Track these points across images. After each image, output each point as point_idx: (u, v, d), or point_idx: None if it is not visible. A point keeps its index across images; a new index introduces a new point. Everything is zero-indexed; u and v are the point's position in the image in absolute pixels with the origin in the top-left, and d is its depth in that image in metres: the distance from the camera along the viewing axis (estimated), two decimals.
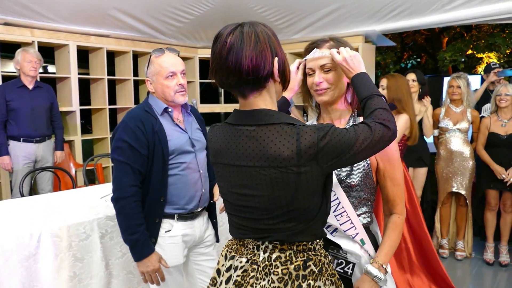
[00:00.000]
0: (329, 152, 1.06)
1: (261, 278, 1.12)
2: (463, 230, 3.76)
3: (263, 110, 1.11)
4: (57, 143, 3.94)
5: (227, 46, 1.07)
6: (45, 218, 2.07)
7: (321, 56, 1.37)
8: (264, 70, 1.07)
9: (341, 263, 1.40)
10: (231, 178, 1.16)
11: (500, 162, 3.50)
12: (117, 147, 1.75)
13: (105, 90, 4.92)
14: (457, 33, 7.66)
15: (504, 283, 3.33)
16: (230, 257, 1.20)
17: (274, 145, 1.06)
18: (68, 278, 1.96)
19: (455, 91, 3.64)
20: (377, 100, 1.19)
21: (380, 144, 1.12)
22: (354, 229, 1.38)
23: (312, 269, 1.12)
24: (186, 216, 1.88)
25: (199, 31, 5.37)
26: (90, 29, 4.57)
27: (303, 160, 1.05)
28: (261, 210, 1.12)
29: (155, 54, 1.85)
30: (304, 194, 1.08)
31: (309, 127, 1.06)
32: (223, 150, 1.16)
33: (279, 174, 1.06)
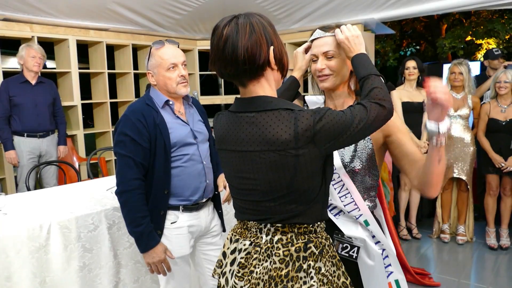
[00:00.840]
0: (326, 134, 1.09)
1: (264, 259, 1.16)
2: (464, 215, 3.80)
3: (262, 97, 1.15)
4: (60, 138, 3.96)
5: (223, 37, 1.11)
6: (53, 211, 2.11)
7: (324, 36, 1.41)
8: (260, 59, 1.11)
9: (346, 247, 1.43)
10: (234, 163, 1.20)
11: (500, 148, 3.54)
12: (119, 141, 1.77)
13: (106, 84, 4.93)
14: (456, 19, 7.65)
15: (505, 265, 3.38)
16: (234, 240, 1.25)
17: (272, 130, 1.10)
18: (78, 268, 2.00)
19: (457, 78, 3.66)
20: (374, 80, 1.22)
21: (376, 123, 1.15)
22: (358, 210, 1.41)
23: (312, 251, 1.16)
24: (191, 207, 1.90)
25: (197, 23, 5.37)
26: (89, 23, 4.58)
27: (300, 143, 1.08)
28: (262, 192, 1.16)
29: (155, 47, 1.86)
30: (303, 176, 1.12)
31: (306, 111, 1.10)
32: (226, 136, 1.20)
33: (278, 157, 1.10)
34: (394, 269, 1.48)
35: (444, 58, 7.38)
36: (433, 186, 1.25)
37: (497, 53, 4.08)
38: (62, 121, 3.97)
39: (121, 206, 1.79)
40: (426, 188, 1.27)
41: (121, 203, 1.78)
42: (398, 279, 1.48)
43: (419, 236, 3.92)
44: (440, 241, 3.85)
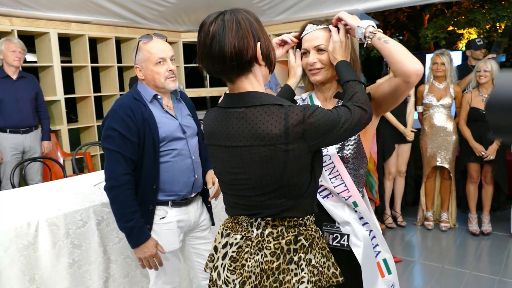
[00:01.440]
0: (315, 130, 1.11)
1: (255, 253, 1.18)
2: (447, 202, 3.90)
3: (251, 93, 1.16)
4: (44, 133, 3.91)
5: (210, 35, 1.11)
6: (41, 208, 2.09)
7: (316, 29, 1.44)
8: (247, 55, 1.12)
9: (336, 237, 1.47)
10: (224, 158, 1.21)
11: (480, 136, 3.62)
12: (107, 135, 1.76)
13: (89, 78, 4.86)
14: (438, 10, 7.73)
15: (486, 251, 3.49)
16: (225, 234, 1.27)
17: (262, 125, 1.11)
18: (67, 265, 2.00)
19: (439, 68, 3.72)
20: (357, 85, 1.26)
21: (358, 126, 1.18)
22: (348, 192, 1.44)
23: (302, 243, 1.18)
24: (180, 202, 1.91)
25: (181, 15, 5.32)
26: (70, 16, 4.49)
27: (290, 138, 1.10)
28: (252, 187, 1.18)
29: (143, 41, 1.84)
30: (292, 171, 1.14)
31: (296, 107, 1.12)
32: (215, 132, 1.21)
33: (268, 152, 1.12)
34: (381, 248, 1.52)
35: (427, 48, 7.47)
36: (402, 62, 1.26)
37: (479, 44, 4.15)
38: (45, 116, 3.91)
39: (110, 202, 1.78)
40: (402, 69, 1.27)
41: (111, 199, 1.77)
42: (386, 258, 1.52)
43: (403, 224, 4.01)
44: (424, 228, 3.94)
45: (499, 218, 4.03)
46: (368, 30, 1.31)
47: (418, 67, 1.25)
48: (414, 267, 3.23)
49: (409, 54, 1.27)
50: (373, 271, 1.48)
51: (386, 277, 1.52)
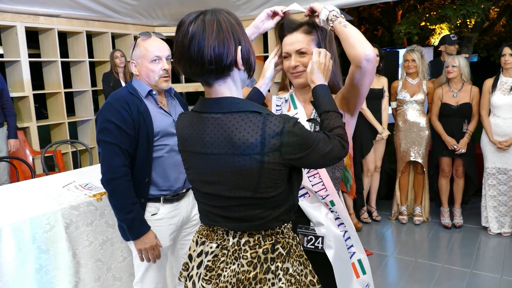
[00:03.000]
0: (292, 145, 1.07)
1: (231, 262, 1.14)
2: (420, 197, 3.97)
3: (229, 98, 1.11)
4: (10, 131, 3.77)
5: (188, 35, 1.05)
6: (5, 211, 2.00)
7: (299, 12, 1.46)
8: (227, 59, 1.07)
9: (311, 239, 1.46)
10: (197, 165, 1.16)
11: (452, 131, 3.69)
12: (104, 128, 1.75)
13: (59, 73, 4.72)
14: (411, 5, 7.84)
15: (458, 243, 3.57)
16: (201, 242, 1.22)
17: (238, 133, 1.06)
18: (34, 270, 1.93)
19: (410, 65, 3.76)
20: (337, 118, 1.23)
21: (331, 156, 1.14)
22: (325, 191, 1.44)
23: (280, 252, 1.15)
24: (172, 198, 1.92)
25: (155, 9, 5.20)
26: (38, 9, 4.33)
27: (266, 149, 1.06)
28: (227, 197, 1.13)
29: (142, 37, 1.87)
30: (267, 183, 1.09)
31: (275, 117, 1.07)
32: (190, 138, 1.15)
33: (243, 162, 1.07)
34: (356, 249, 1.52)
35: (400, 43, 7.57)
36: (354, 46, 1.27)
37: (453, 39, 4.21)
38: (11, 113, 3.77)
39: (108, 194, 1.77)
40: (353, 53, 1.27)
41: (109, 191, 1.76)
42: (360, 258, 1.53)
43: (378, 218, 4.06)
44: (398, 222, 4.00)
45: (470, 211, 4.13)
46: (331, 14, 1.33)
47: (367, 52, 1.25)
48: (388, 261, 3.28)
49: (362, 40, 1.27)
50: (347, 272, 1.48)
51: (361, 277, 1.52)
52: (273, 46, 5.58)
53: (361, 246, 1.55)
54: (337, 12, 1.34)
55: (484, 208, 3.70)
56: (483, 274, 3.01)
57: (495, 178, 3.61)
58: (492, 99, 3.52)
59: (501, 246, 3.43)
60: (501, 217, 3.62)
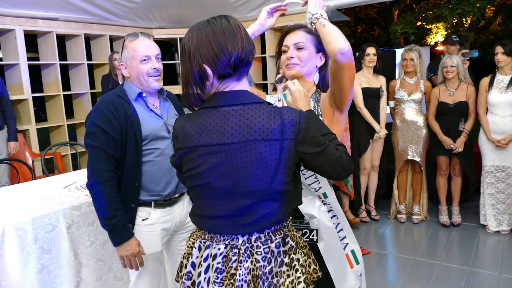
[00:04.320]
0: (306, 138, 1.15)
1: (244, 260, 1.15)
2: (418, 195, 3.99)
3: (245, 92, 1.19)
4: (10, 134, 3.78)
5: (217, 28, 1.14)
6: (7, 212, 2.02)
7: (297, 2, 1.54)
8: (252, 56, 1.19)
9: (306, 232, 1.49)
10: (215, 159, 1.15)
11: (449, 129, 3.72)
12: (90, 132, 1.75)
13: (58, 76, 4.73)
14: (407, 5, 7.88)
15: (456, 241, 3.59)
16: (205, 247, 1.20)
17: (261, 120, 1.13)
18: (36, 270, 1.94)
19: (408, 64, 3.79)
20: (335, 138, 1.27)
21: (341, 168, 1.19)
22: (318, 183, 1.47)
23: (291, 244, 1.20)
24: (164, 203, 1.88)
25: (153, 11, 5.22)
26: (37, 13, 4.34)
27: (286, 135, 1.13)
28: (242, 193, 1.15)
29: (129, 39, 1.84)
30: (283, 173, 1.15)
31: (288, 107, 1.17)
32: (203, 132, 1.15)
33: (263, 147, 1.12)
34: (349, 240, 1.56)
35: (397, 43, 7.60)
36: (330, 42, 1.33)
37: (455, 40, 4.25)
38: (11, 116, 3.78)
39: (92, 199, 1.75)
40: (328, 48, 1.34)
41: (93, 196, 1.74)
42: (354, 249, 1.56)
43: (377, 217, 4.08)
44: (397, 221, 4.02)
45: (468, 209, 4.16)
46: (314, 17, 1.40)
47: (340, 45, 1.30)
48: (387, 260, 3.30)
49: (337, 35, 1.32)
50: (342, 263, 1.51)
51: (355, 267, 1.55)
52: (271, 47, 5.60)
53: (353, 237, 1.58)
54: (320, 15, 1.40)
55: (482, 206, 3.72)
56: (482, 272, 3.03)
57: (493, 176, 3.63)
58: (489, 97, 3.55)
59: (499, 244, 3.46)
60: (499, 215, 3.65)
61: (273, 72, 5.47)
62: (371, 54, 3.74)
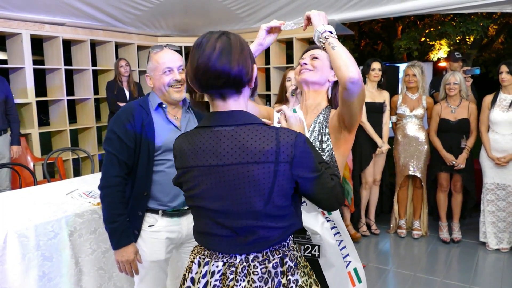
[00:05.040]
0: (302, 161, 1.12)
1: (241, 279, 1.14)
2: (419, 211, 3.99)
3: (240, 111, 1.16)
4: (13, 137, 3.79)
5: (216, 49, 1.11)
6: (10, 218, 2.02)
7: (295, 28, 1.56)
8: (246, 76, 1.15)
9: (308, 247, 1.48)
10: (209, 180, 1.15)
11: (451, 146, 3.73)
12: (107, 138, 1.83)
13: (63, 81, 4.75)
14: (411, 21, 7.93)
15: (457, 257, 3.58)
16: (204, 263, 1.20)
17: (254, 142, 1.11)
18: (37, 277, 1.93)
19: (411, 79, 3.82)
20: (329, 167, 1.23)
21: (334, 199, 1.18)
22: None
23: (289, 265, 1.17)
24: (171, 213, 1.89)
25: (159, 20, 5.26)
26: (44, 17, 4.38)
27: (280, 158, 1.10)
28: (237, 214, 1.14)
29: (154, 51, 1.89)
30: (279, 194, 1.12)
31: (285, 129, 1.13)
32: (199, 153, 1.16)
33: (257, 170, 1.10)
34: (352, 258, 1.55)
35: (400, 58, 7.64)
36: (340, 69, 1.30)
37: (458, 57, 4.27)
38: (15, 120, 3.79)
39: (100, 200, 1.82)
40: (339, 75, 1.31)
41: (101, 197, 1.81)
42: (356, 267, 1.55)
43: (377, 232, 4.07)
44: (397, 236, 4.01)
45: (468, 226, 4.15)
46: (323, 36, 1.38)
47: (351, 75, 1.27)
48: (387, 275, 3.28)
49: (348, 61, 1.29)
50: (344, 281, 1.50)
51: (357, 286, 1.55)
52: (275, 58, 5.63)
53: (356, 255, 1.57)
54: (329, 33, 1.38)
55: (482, 224, 3.72)
56: None
57: (493, 193, 3.64)
58: (491, 116, 3.57)
59: (499, 262, 3.45)
60: (499, 232, 3.65)
61: (277, 83, 5.49)
62: (376, 69, 3.76)
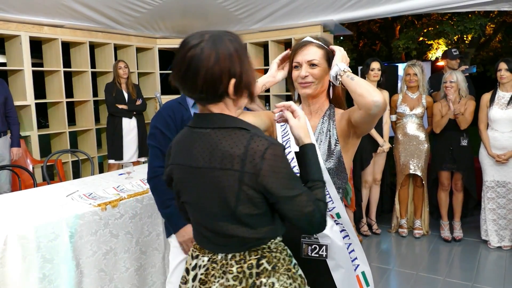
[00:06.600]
0: (271, 176, 1.05)
1: (219, 276, 1.17)
2: (420, 210, 3.98)
3: (219, 115, 1.14)
4: (13, 140, 3.77)
5: (186, 59, 1.08)
6: (10, 220, 2.00)
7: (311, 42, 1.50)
8: (218, 90, 1.10)
9: (315, 248, 1.47)
10: (183, 179, 1.19)
11: (451, 143, 3.73)
12: (151, 133, 1.99)
13: (61, 83, 4.74)
14: (409, 21, 7.94)
15: (458, 256, 3.58)
16: (195, 256, 1.25)
17: (222, 147, 1.09)
18: (37, 280, 1.92)
19: (412, 79, 3.81)
20: (323, 190, 1.18)
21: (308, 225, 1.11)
22: (332, 203, 1.45)
23: (265, 267, 1.16)
24: None
25: (157, 22, 5.25)
26: (43, 19, 4.37)
27: (247, 167, 1.06)
28: (211, 213, 1.15)
29: None
30: (245, 203, 1.09)
31: (263, 135, 1.10)
32: (179, 151, 1.19)
33: (222, 176, 1.09)
34: (360, 261, 1.54)
35: (398, 58, 7.64)
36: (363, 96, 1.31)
37: (455, 54, 4.26)
38: (14, 122, 3.78)
39: (151, 191, 2.01)
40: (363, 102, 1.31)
41: (151, 189, 2.01)
42: (364, 270, 1.54)
43: (378, 231, 4.07)
44: (398, 236, 4.01)
45: (469, 224, 4.14)
46: (342, 71, 1.40)
47: (376, 99, 1.29)
48: (389, 275, 3.27)
49: (369, 88, 1.32)
50: (352, 284, 1.49)
51: None
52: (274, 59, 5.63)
53: (365, 257, 1.56)
54: (345, 68, 1.40)
55: (483, 222, 3.71)
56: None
57: (494, 191, 3.63)
58: (490, 113, 3.57)
59: (501, 260, 3.44)
60: (500, 230, 3.64)
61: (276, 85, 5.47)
62: (376, 69, 3.76)
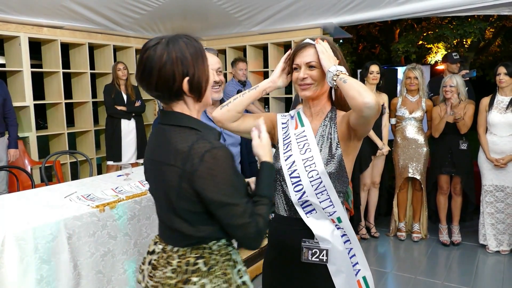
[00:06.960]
0: (205, 177, 1.09)
1: (163, 265, 1.24)
2: (418, 213, 3.98)
3: (177, 113, 1.21)
4: (11, 141, 3.76)
5: (143, 60, 1.16)
6: (8, 221, 1.99)
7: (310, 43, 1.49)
8: (173, 88, 1.17)
9: (315, 252, 1.46)
10: (148, 171, 1.29)
11: (450, 147, 3.73)
12: None
13: (60, 84, 4.73)
14: (408, 24, 7.96)
15: (456, 260, 3.57)
16: (154, 243, 1.34)
17: (170, 144, 1.16)
18: (35, 281, 1.91)
19: (412, 82, 3.81)
20: (268, 208, 1.23)
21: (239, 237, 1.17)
22: (333, 207, 1.45)
23: (199, 267, 1.19)
24: None
25: (157, 23, 5.26)
26: (42, 21, 4.37)
27: (187, 166, 1.10)
28: (162, 206, 1.24)
29: None
30: (184, 202, 1.15)
31: (209, 140, 1.14)
32: (149, 145, 1.30)
33: (166, 172, 1.15)
34: (361, 266, 1.53)
35: (398, 61, 7.66)
36: (354, 97, 1.30)
37: (456, 58, 4.26)
38: (13, 123, 3.77)
39: None
40: (354, 103, 1.31)
41: None
42: (365, 275, 1.54)
43: (377, 235, 4.06)
44: (396, 239, 4.00)
45: (468, 228, 4.14)
46: (335, 74, 1.38)
47: (366, 100, 1.28)
48: (387, 278, 3.27)
49: (361, 90, 1.30)
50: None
51: None
52: (273, 62, 5.63)
53: (366, 262, 1.55)
54: (340, 71, 1.39)
55: (482, 226, 3.71)
56: None
57: (492, 195, 3.63)
58: (489, 118, 3.57)
59: (499, 264, 3.44)
60: (499, 234, 3.64)
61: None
62: (375, 72, 3.76)
